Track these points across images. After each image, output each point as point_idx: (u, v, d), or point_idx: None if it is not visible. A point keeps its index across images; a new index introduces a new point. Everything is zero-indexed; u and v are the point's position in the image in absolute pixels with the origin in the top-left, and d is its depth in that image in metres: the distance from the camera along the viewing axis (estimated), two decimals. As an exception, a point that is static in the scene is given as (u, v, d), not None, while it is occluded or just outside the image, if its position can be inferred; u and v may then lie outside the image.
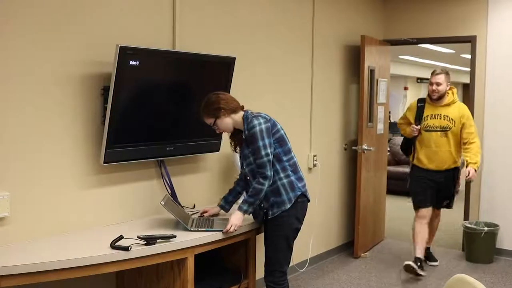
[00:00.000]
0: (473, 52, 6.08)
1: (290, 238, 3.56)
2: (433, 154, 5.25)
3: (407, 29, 6.44)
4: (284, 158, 3.50)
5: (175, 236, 3.13)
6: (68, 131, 3.22)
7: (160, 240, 3.05)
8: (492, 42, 5.95)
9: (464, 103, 5.51)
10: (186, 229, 3.32)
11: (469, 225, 5.80)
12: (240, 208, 3.46)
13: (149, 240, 3.00)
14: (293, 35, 5.08)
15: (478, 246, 5.67)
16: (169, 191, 3.81)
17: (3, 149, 2.90)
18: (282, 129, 3.54)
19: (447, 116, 5.19)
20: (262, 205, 3.49)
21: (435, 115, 5.23)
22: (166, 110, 3.66)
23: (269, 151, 3.40)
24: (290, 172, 3.51)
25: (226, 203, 3.77)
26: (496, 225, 5.79)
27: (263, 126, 3.41)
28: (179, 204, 3.81)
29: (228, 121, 3.51)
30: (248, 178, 3.55)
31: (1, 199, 2.87)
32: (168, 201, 3.39)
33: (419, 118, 5.30)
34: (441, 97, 5.20)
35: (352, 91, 6.11)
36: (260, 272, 3.93)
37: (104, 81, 3.33)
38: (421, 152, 5.30)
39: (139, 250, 2.95)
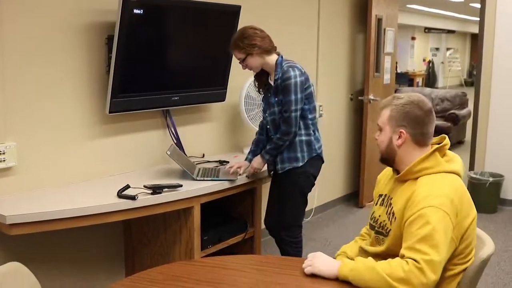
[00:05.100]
0: (482, 0, 5.96)
1: (306, 194, 3.52)
2: None
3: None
4: (309, 116, 3.38)
5: (181, 185, 3.16)
6: (73, 81, 3.20)
7: (166, 189, 3.08)
8: (503, -10, 5.82)
9: (472, 53, 5.28)
10: (192, 179, 3.34)
11: (474, 175, 5.82)
12: (262, 156, 3.45)
13: (156, 189, 3.03)
14: (300, -17, 4.98)
15: (483, 196, 5.69)
16: (175, 141, 3.82)
17: (9, 99, 2.89)
18: (312, 85, 3.42)
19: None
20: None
21: None
22: (171, 60, 3.62)
23: (298, 107, 3.27)
24: (311, 131, 3.41)
25: (254, 156, 3.58)
26: (501, 176, 5.81)
27: (298, 79, 3.25)
28: (185, 153, 3.82)
29: (258, 61, 3.34)
30: (268, 127, 3.47)
31: (9, 149, 2.89)
32: (174, 151, 3.40)
33: None
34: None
35: (359, 40, 6.03)
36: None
37: (108, 30, 3.29)
38: None
39: (146, 199, 2.97)
